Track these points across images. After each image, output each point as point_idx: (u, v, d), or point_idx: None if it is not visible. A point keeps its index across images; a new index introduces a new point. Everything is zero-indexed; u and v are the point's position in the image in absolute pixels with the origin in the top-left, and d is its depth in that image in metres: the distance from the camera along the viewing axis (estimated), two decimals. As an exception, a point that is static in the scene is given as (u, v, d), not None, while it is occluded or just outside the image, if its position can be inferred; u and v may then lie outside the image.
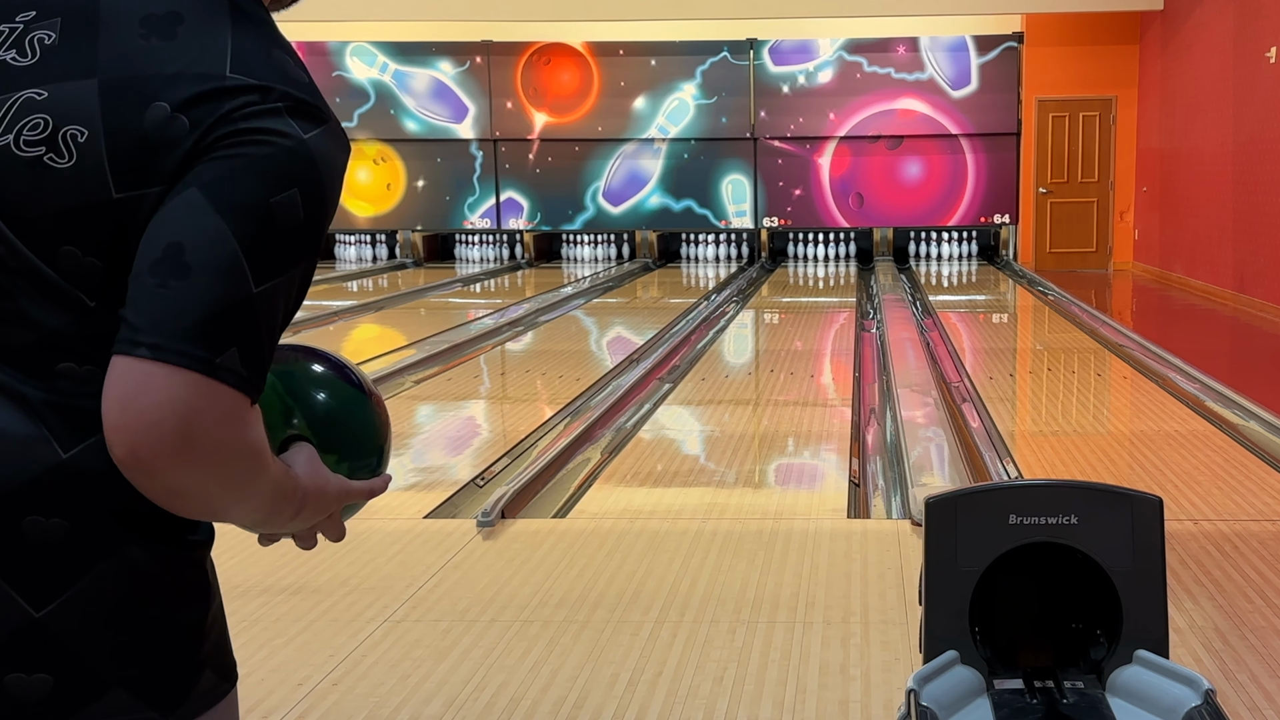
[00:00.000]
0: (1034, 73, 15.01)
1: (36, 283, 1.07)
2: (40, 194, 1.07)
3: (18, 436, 1.07)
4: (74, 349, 1.08)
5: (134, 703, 1.12)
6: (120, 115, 1.07)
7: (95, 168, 1.06)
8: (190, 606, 1.16)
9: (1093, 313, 10.69)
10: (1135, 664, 2.39)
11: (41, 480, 1.07)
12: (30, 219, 1.07)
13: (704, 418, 6.65)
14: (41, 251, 1.07)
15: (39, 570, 1.08)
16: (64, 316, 1.07)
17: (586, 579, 3.92)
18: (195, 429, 1.04)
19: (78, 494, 1.08)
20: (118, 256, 1.07)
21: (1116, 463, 5.54)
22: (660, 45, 15.49)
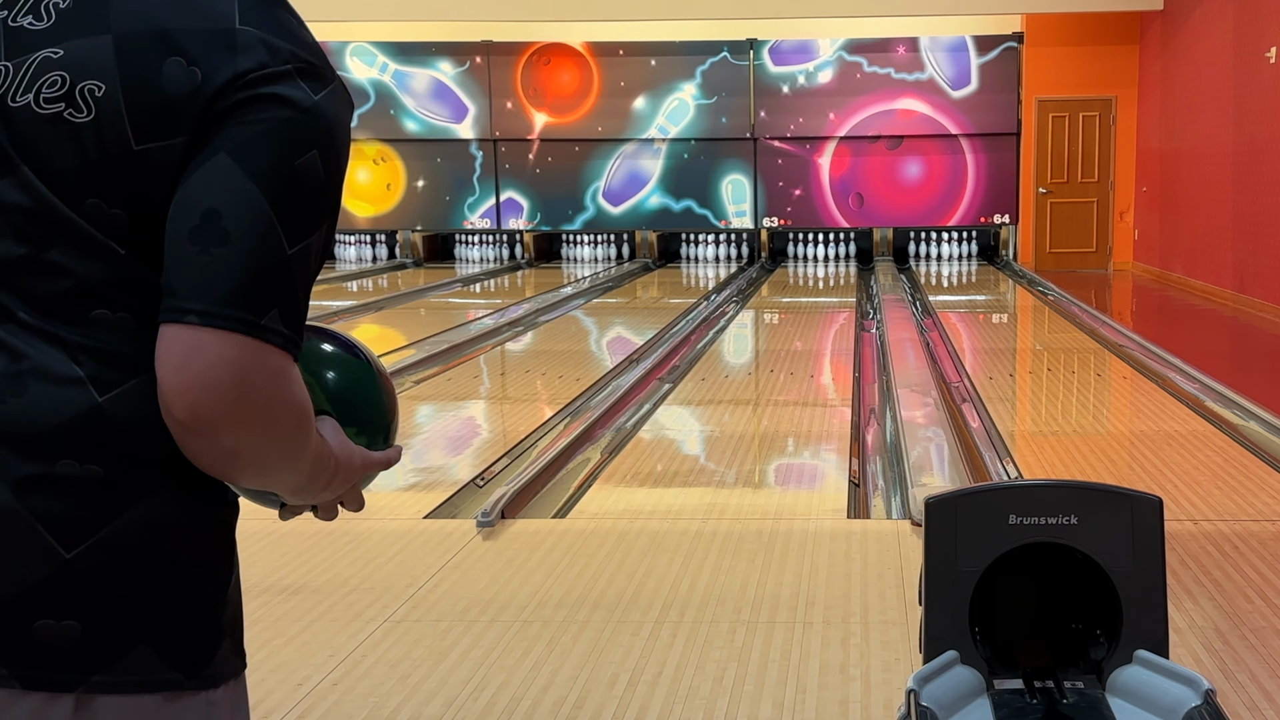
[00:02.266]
0: (1034, 73, 15.01)
1: (68, 233, 1.10)
2: (62, 149, 1.09)
3: (59, 376, 1.10)
4: (107, 296, 1.11)
5: (159, 662, 1.13)
6: (136, 69, 1.09)
7: (114, 121, 1.09)
8: (215, 567, 1.18)
9: (1093, 313, 10.69)
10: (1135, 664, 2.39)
11: (79, 421, 1.10)
12: (56, 173, 1.09)
13: (704, 418, 6.65)
14: (70, 204, 1.10)
15: (72, 511, 1.10)
16: (96, 265, 1.10)
17: (586, 579, 3.92)
18: (248, 388, 1.07)
19: (113, 437, 1.11)
20: (142, 207, 1.10)
21: (1116, 463, 5.54)
22: (660, 45, 15.49)
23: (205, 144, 1.09)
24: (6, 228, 1.11)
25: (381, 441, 1.31)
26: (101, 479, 1.10)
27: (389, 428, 1.33)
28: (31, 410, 1.10)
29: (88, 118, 1.10)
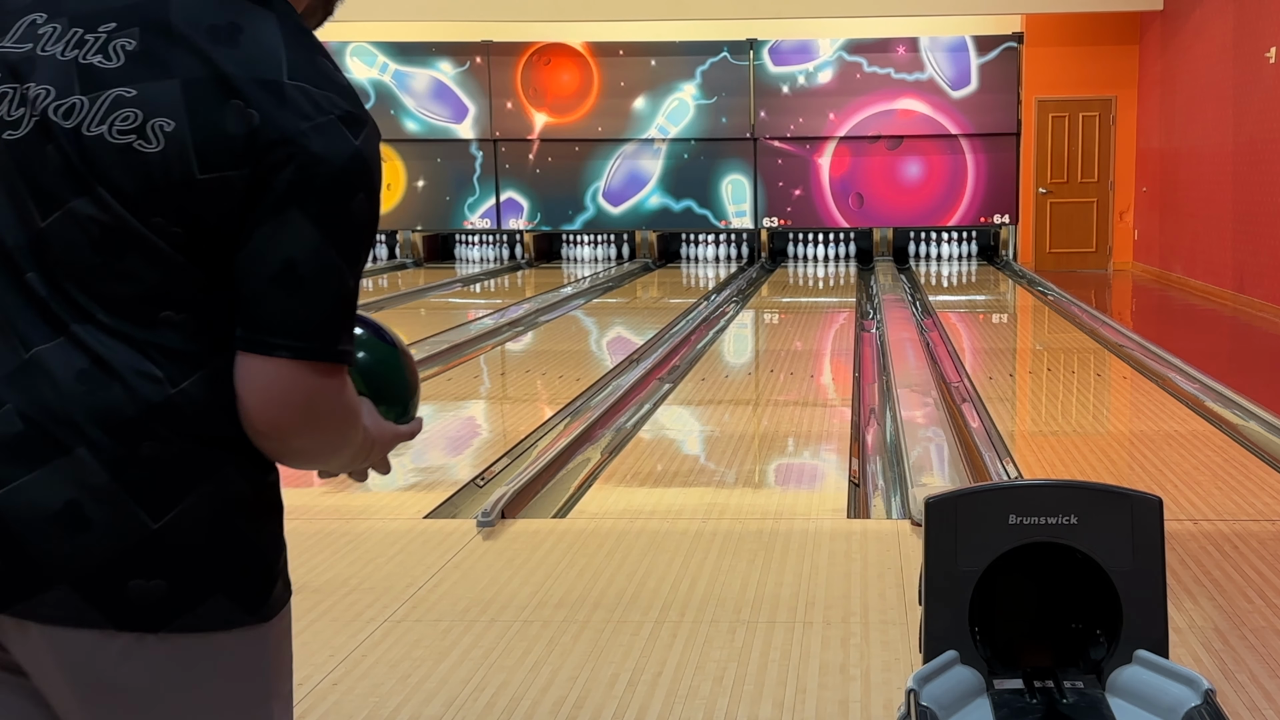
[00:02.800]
0: (1034, 73, 15.01)
1: (138, 245, 1.27)
2: (132, 173, 1.26)
3: (134, 372, 1.27)
4: (172, 300, 1.28)
5: (231, 607, 1.32)
6: (201, 110, 1.26)
7: (181, 154, 1.26)
8: (269, 524, 1.38)
9: (1092, 313, 10.69)
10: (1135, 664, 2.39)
11: (155, 410, 1.27)
12: (126, 194, 1.26)
13: (704, 418, 6.65)
14: (139, 220, 1.26)
15: (156, 488, 1.28)
16: (162, 273, 1.27)
17: (586, 579, 3.92)
18: (319, 405, 1.31)
19: (185, 422, 1.29)
20: (200, 225, 1.27)
21: (1116, 463, 5.54)
22: (660, 45, 15.49)
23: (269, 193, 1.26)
24: (85, 239, 1.27)
25: (406, 415, 1.52)
26: (178, 458, 1.29)
27: (411, 402, 1.54)
28: (117, 400, 1.26)
29: (157, 149, 1.26)
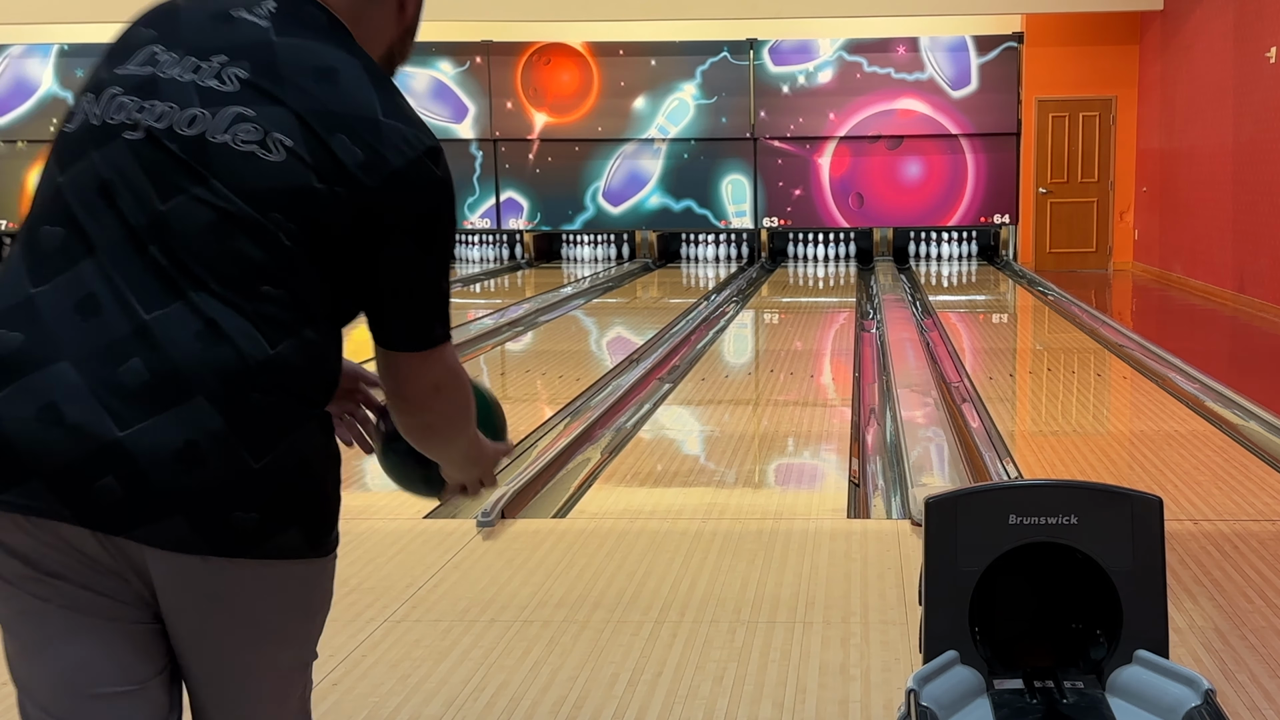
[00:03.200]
0: (1034, 73, 15.01)
1: (251, 231, 1.52)
2: (255, 175, 1.52)
3: (241, 333, 1.50)
4: (272, 276, 1.52)
5: (301, 540, 1.58)
6: (315, 137, 1.53)
7: (300, 166, 1.52)
8: (335, 473, 1.64)
9: (1093, 313, 10.69)
10: (1135, 664, 2.39)
11: (259, 366, 1.51)
12: (247, 190, 1.51)
13: (704, 418, 6.65)
14: (258, 211, 1.51)
15: (260, 431, 1.51)
16: (268, 255, 1.52)
17: (586, 579, 3.92)
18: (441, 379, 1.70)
19: (281, 378, 1.52)
20: (308, 221, 1.53)
21: (1116, 463, 5.54)
22: (660, 45, 15.49)
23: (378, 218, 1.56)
24: (200, 222, 1.51)
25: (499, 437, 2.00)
26: (276, 409, 1.52)
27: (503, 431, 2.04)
28: (228, 356, 1.49)
29: (279, 159, 1.52)
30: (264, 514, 1.52)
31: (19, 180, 16.40)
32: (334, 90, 1.55)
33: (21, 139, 16.30)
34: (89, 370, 1.47)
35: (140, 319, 1.49)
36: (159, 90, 1.56)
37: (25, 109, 16.21)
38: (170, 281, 1.51)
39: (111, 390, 1.46)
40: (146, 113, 1.55)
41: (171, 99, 1.55)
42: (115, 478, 1.45)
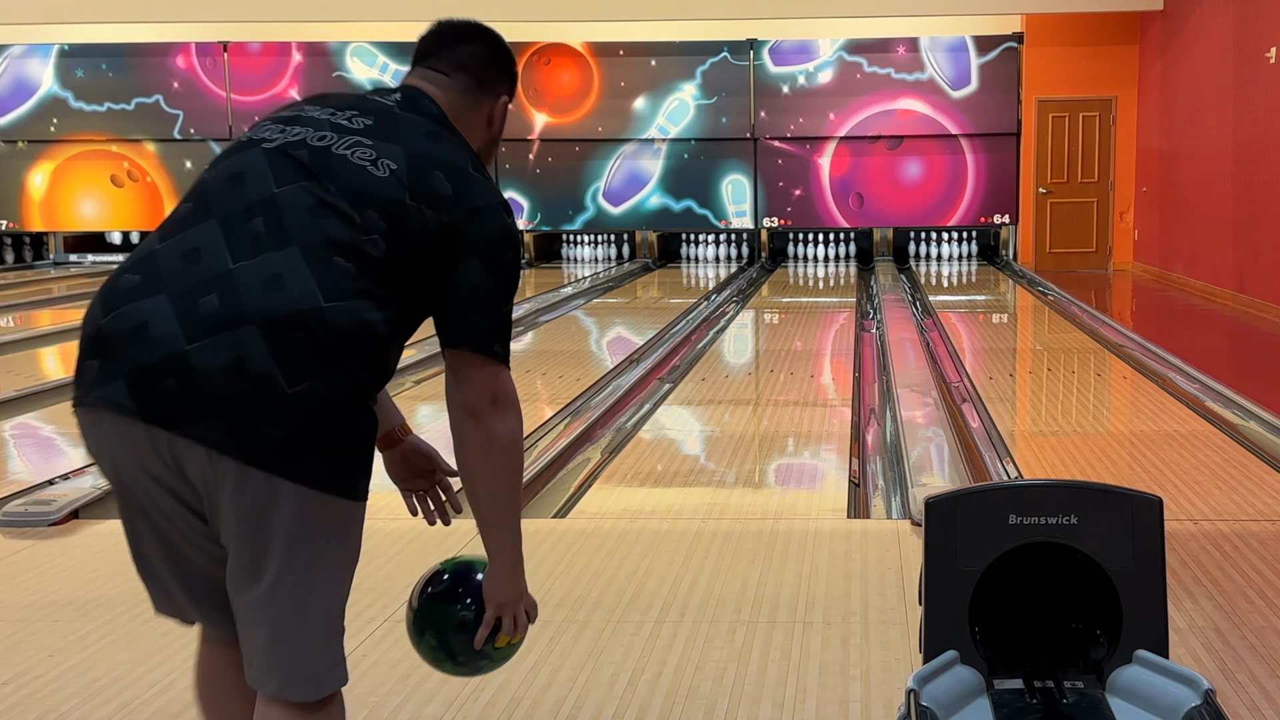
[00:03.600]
0: (1034, 73, 15.01)
1: (343, 217, 1.93)
2: (362, 183, 1.95)
3: (303, 288, 1.86)
4: (346, 253, 1.90)
5: (324, 473, 1.87)
6: (416, 168, 1.99)
7: (398, 184, 1.97)
8: (369, 425, 1.94)
9: (1093, 313, 10.69)
10: (1135, 664, 2.39)
11: (310, 312, 1.85)
12: (351, 191, 1.95)
13: (704, 418, 6.65)
14: (354, 208, 1.93)
15: (297, 364, 1.83)
16: (347, 234, 1.91)
17: (586, 579, 3.92)
18: (494, 386, 2.04)
19: (326, 331, 1.86)
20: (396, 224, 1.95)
21: (1116, 463, 5.54)
22: (660, 45, 15.49)
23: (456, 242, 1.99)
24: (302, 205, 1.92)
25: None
26: (317, 350, 1.85)
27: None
28: (285, 301, 1.85)
29: (383, 175, 1.97)
30: (291, 436, 1.84)
31: (19, 180, 16.40)
32: (438, 145, 2.05)
33: (21, 139, 16.29)
34: (178, 301, 1.86)
35: (226, 267, 1.88)
36: (299, 121, 2.05)
37: (25, 109, 16.21)
38: (259, 244, 1.90)
39: (190, 316, 1.84)
40: (285, 134, 2.02)
41: (308, 126, 2.03)
42: (176, 381, 1.82)
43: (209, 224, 1.93)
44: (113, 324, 1.88)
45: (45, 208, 16.49)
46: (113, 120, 16.12)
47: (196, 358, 1.82)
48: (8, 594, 3.86)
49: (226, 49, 15.92)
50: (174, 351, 1.83)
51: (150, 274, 1.91)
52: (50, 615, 3.67)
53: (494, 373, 2.02)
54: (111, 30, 15.73)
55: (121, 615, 3.65)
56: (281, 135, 2.01)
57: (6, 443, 6.28)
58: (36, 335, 10.14)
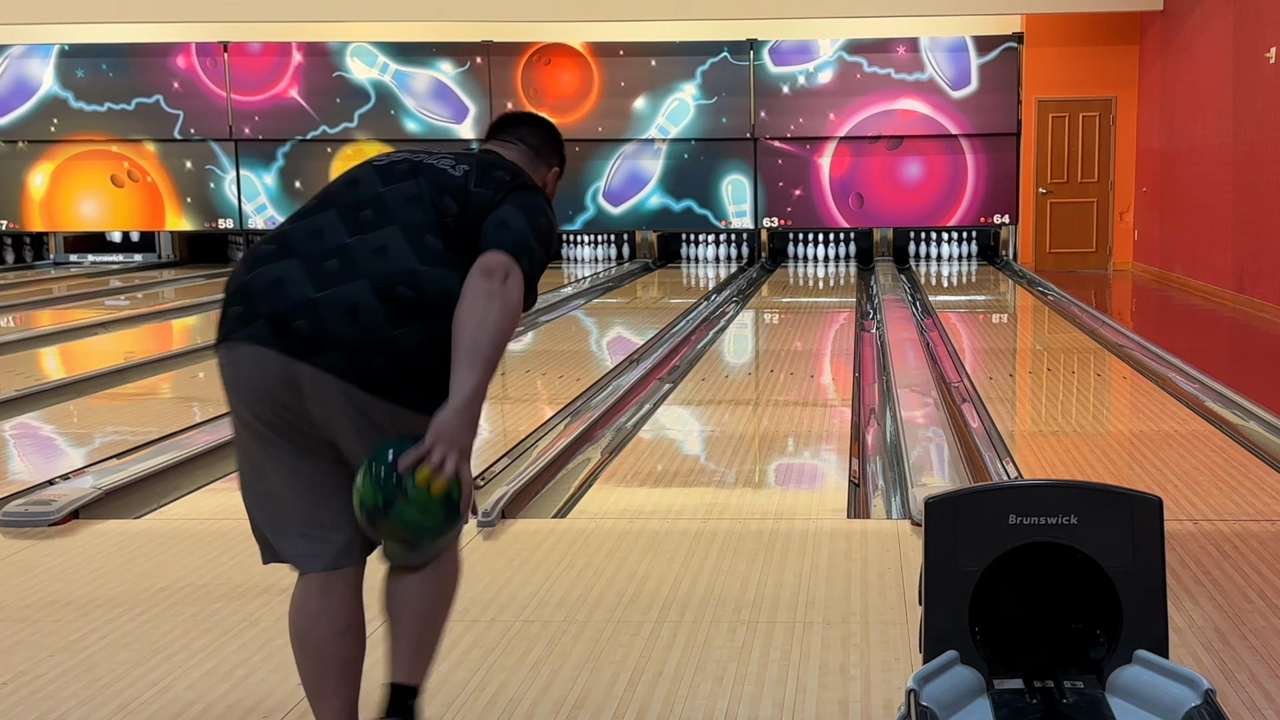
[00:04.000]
0: (1034, 73, 15.01)
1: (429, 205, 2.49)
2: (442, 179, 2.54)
3: (400, 254, 2.42)
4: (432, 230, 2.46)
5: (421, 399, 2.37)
6: (483, 168, 2.59)
7: (468, 178, 2.55)
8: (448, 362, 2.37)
9: (1093, 313, 10.69)
10: (1135, 664, 2.39)
11: (410, 272, 2.40)
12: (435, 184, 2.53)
13: (704, 418, 6.65)
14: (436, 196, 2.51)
15: (398, 312, 2.36)
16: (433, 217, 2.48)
17: (586, 579, 3.92)
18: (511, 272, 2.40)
19: (424, 285, 2.39)
20: (463, 206, 2.50)
21: (1116, 463, 5.54)
22: (660, 45, 15.49)
23: (502, 202, 2.52)
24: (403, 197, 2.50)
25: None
26: (414, 302, 2.38)
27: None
28: (391, 264, 2.40)
29: (459, 175, 2.56)
30: (396, 368, 2.36)
31: (19, 180, 16.41)
32: (504, 160, 2.69)
33: (21, 139, 16.30)
34: (307, 264, 2.40)
35: (343, 240, 2.45)
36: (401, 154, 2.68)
37: (25, 109, 16.21)
38: (368, 226, 2.47)
39: (317, 275, 2.39)
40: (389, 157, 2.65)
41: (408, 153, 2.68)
42: (306, 321, 2.35)
43: (329, 212, 2.50)
44: (255, 280, 2.41)
45: (45, 208, 16.49)
46: (113, 120, 16.13)
47: (322, 305, 2.35)
48: (8, 594, 3.86)
49: (226, 49, 15.93)
50: (304, 299, 2.36)
51: (284, 245, 2.46)
52: (50, 615, 3.67)
53: (513, 265, 2.41)
54: (111, 30, 15.73)
55: (121, 615, 3.65)
56: (387, 158, 2.63)
57: (6, 443, 6.28)
58: (36, 335, 10.14)
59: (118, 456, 5.62)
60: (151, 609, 3.70)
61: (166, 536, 4.44)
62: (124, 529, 4.54)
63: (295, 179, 16.18)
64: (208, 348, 9.25)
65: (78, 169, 16.33)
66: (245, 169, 16.19)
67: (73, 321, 10.73)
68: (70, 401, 7.24)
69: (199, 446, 5.69)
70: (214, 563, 4.12)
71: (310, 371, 2.33)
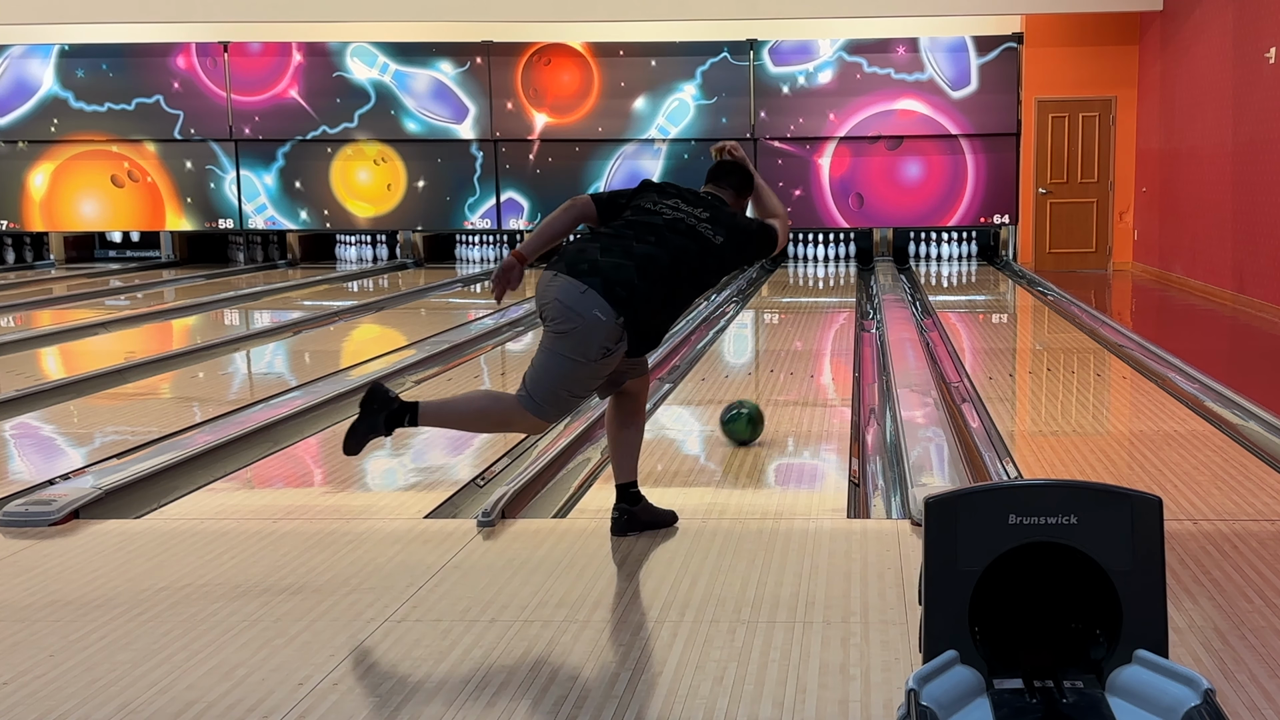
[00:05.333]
0: (1034, 73, 15.02)
1: (690, 253, 4.12)
2: (700, 240, 4.16)
3: (657, 265, 4.05)
4: (687, 265, 4.11)
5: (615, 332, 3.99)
6: (724, 231, 4.21)
7: (723, 243, 4.19)
8: (666, 329, 4.30)
9: (1092, 313, 10.69)
10: (1135, 664, 2.39)
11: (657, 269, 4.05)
12: (699, 245, 4.15)
13: (704, 418, 6.65)
14: (698, 249, 4.15)
15: (649, 288, 4.01)
16: (696, 258, 4.14)
17: (586, 579, 3.92)
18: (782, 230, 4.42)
19: (660, 283, 4.04)
20: (708, 256, 4.16)
21: (1116, 463, 5.54)
22: (660, 45, 15.49)
23: (743, 244, 4.30)
24: (675, 233, 4.14)
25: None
26: (653, 287, 4.02)
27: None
28: (654, 260, 4.04)
29: (715, 240, 4.18)
30: (628, 315, 3.95)
31: (19, 180, 16.41)
32: (739, 221, 4.31)
33: (22, 139, 16.30)
34: (607, 262, 3.97)
35: (632, 250, 4.01)
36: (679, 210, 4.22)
37: (25, 109, 16.22)
38: (649, 245, 4.03)
39: (610, 267, 3.95)
40: (670, 210, 4.21)
41: (682, 214, 4.19)
42: (588, 266, 3.96)
43: (624, 239, 4.07)
44: (573, 266, 3.98)
45: (45, 208, 16.49)
46: (113, 120, 16.13)
47: (609, 280, 3.93)
48: (8, 594, 3.86)
49: (226, 49, 15.93)
50: (593, 259, 3.98)
51: (588, 257, 4.02)
52: (50, 615, 3.67)
53: (771, 230, 4.36)
54: (111, 30, 15.74)
55: (121, 615, 3.65)
56: (673, 212, 4.19)
57: (6, 443, 6.28)
58: (36, 335, 10.14)
59: (118, 456, 5.62)
60: (151, 609, 3.71)
61: (166, 536, 4.45)
62: (124, 529, 4.54)
63: (295, 179, 16.18)
64: (208, 347, 9.26)
65: (78, 169, 16.34)
66: (245, 169, 16.20)
67: (73, 321, 10.74)
68: (70, 401, 7.24)
69: (199, 446, 5.69)
70: (214, 563, 4.13)
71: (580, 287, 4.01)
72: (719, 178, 4.39)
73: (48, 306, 12.31)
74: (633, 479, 4.38)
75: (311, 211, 16.30)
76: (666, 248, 4.03)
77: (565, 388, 4.01)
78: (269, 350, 9.53)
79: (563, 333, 3.96)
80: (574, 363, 3.96)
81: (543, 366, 4.00)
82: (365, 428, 4.11)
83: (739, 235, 4.20)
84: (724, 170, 4.41)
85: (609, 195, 4.30)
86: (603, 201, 4.26)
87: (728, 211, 4.25)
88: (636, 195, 4.28)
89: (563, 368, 3.97)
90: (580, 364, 3.96)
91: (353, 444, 4.13)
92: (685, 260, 4.04)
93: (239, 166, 16.19)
